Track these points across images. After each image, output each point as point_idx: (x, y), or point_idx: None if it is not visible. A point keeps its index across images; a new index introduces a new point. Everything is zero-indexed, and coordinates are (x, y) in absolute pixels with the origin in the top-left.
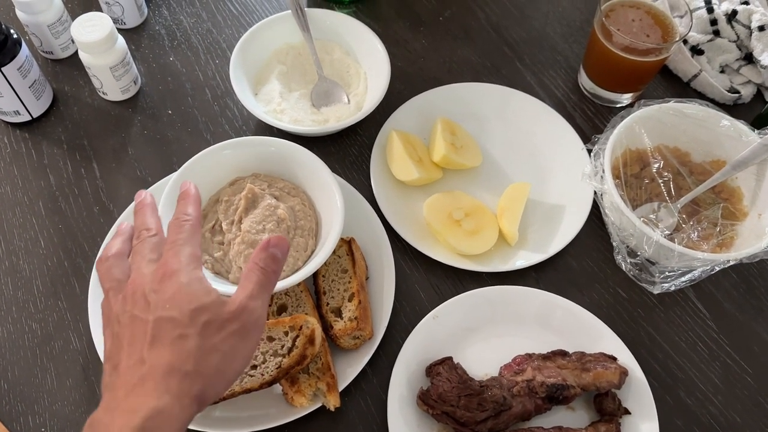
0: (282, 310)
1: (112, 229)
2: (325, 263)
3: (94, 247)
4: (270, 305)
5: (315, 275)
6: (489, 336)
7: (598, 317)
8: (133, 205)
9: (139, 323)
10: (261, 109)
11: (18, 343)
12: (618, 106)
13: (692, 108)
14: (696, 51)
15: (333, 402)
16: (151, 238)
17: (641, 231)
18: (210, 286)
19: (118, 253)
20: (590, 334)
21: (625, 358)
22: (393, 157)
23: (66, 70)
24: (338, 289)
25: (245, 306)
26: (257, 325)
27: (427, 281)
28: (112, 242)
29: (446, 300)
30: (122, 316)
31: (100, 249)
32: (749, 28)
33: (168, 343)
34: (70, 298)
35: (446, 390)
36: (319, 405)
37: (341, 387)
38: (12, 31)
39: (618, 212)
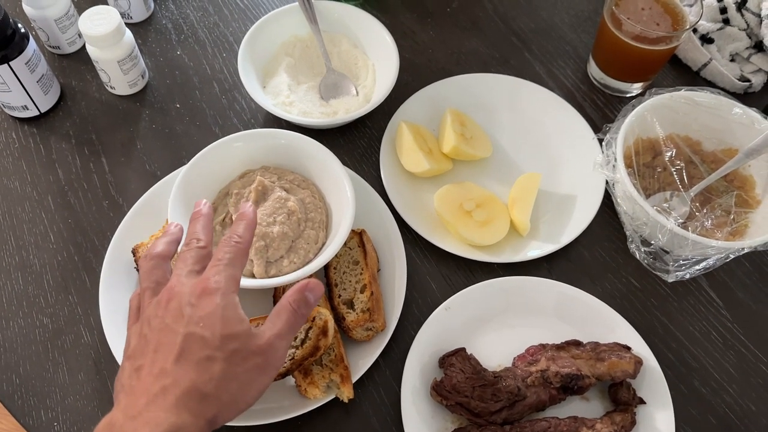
0: None
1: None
2: (336, 255)
3: (104, 241)
4: None
5: (326, 267)
6: (502, 327)
7: (611, 307)
8: (145, 198)
9: (170, 333)
10: (269, 102)
11: (29, 337)
12: (628, 95)
13: (704, 96)
14: (706, 40)
15: (347, 393)
16: (199, 249)
17: (655, 220)
18: (243, 314)
19: (162, 254)
20: (604, 324)
21: (639, 347)
22: (402, 148)
23: (73, 64)
24: (350, 281)
25: (272, 344)
26: (277, 362)
27: (438, 272)
28: (158, 241)
29: (458, 291)
30: (153, 320)
31: (148, 247)
32: (759, 16)
33: (194, 361)
34: (80, 292)
35: (460, 381)
36: (332, 397)
37: (354, 379)
38: (20, 25)
39: (631, 201)
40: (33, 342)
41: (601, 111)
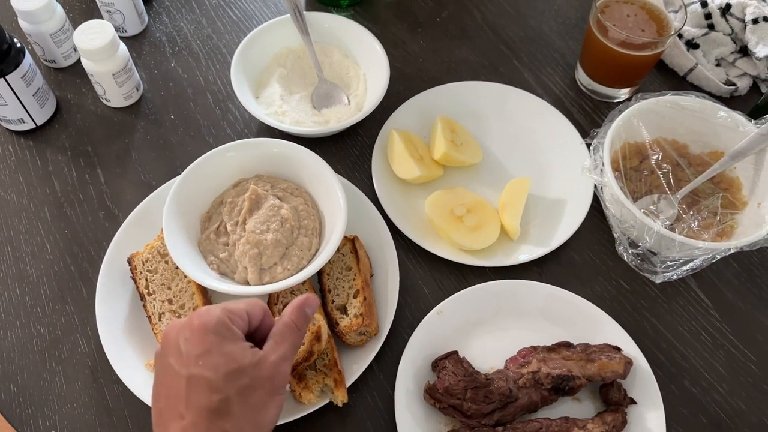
0: None
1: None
2: (329, 261)
3: (99, 251)
4: (276, 305)
5: (320, 273)
6: (494, 330)
7: (601, 309)
8: (140, 208)
9: (174, 376)
10: (262, 112)
11: (27, 347)
12: (615, 101)
13: (689, 100)
14: (691, 45)
15: (341, 397)
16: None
17: (642, 222)
18: (243, 344)
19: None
20: (594, 325)
21: (630, 348)
22: (394, 155)
23: (68, 78)
24: (343, 287)
25: (279, 369)
26: (285, 382)
27: (430, 277)
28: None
29: (450, 295)
30: (160, 359)
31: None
32: (743, 21)
33: (206, 404)
34: (77, 301)
35: (453, 383)
36: (326, 401)
37: (348, 383)
38: (15, 40)
39: (619, 204)
40: (30, 351)
41: (589, 116)
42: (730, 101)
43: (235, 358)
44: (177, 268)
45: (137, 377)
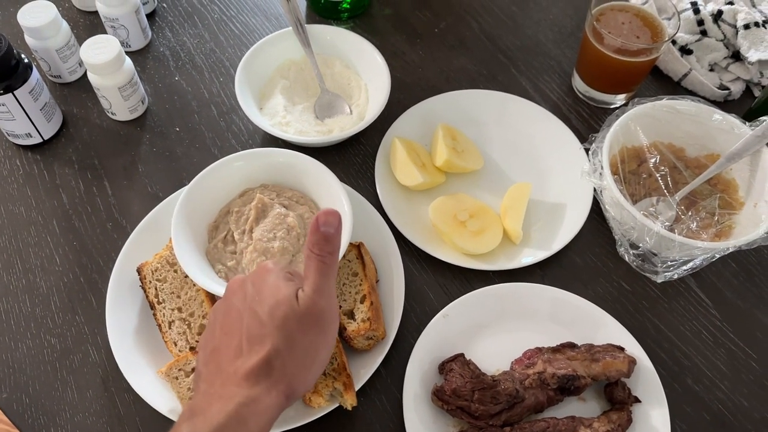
0: None
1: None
2: None
3: (108, 262)
4: None
5: None
6: (499, 332)
7: (604, 310)
8: (148, 219)
9: (233, 313)
10: (266, 123)
11: (38, 358)
12: (612, 107)
13: (685, 104)
14: (685, 51)
15: (350, 401)
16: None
17: (642, 224)
18: (287, 281)
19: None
20: (597, 326)
21: (633, 348)
22: (397, 163)
23: (74, 93)
24: (350, 292)
25: (314, 302)
26: (331, 316)
27: (435, 282)
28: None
29: (455, 299)
30: (220, 305)
31: None
32: (735, 26)
33: (255, 336)
34: (87, 312)
35: (460, 385)
36: (336, 405)
37: (357, 387)
38: (23, 56)
39: (618, 207)
40: (42, 362)
41: (586, 122)
42: (724, 105)
43: (276, 291)
44: (186, 276)
45: (148, 385)
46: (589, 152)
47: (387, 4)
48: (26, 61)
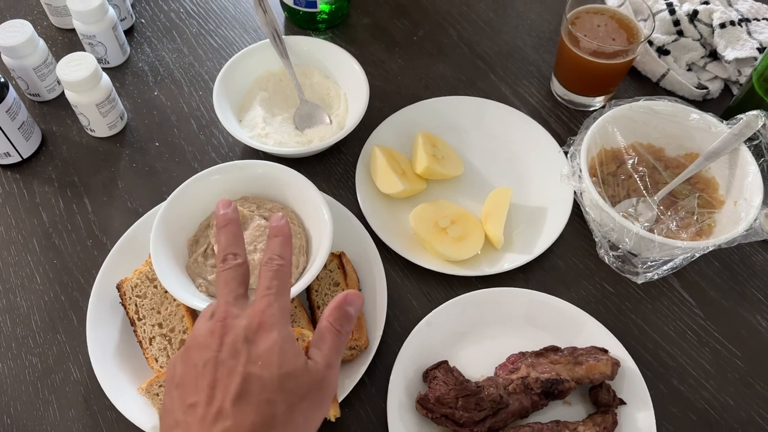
0: None
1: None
2: (317, 278)
3: (89, 279)
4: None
5: (308, 290)
6: (482, 338)
7: (587, 312)
8: (127, 235)
9: (226, 371)
10: (246, 135)
11: (19, 378)
12: (591, 109)
13: (662, 105)
14: (662, 51)
15: (333, 413)
16: (237, 267)
17: (621, 225)
18: (299, 347)
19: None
20: (580, 329)
21: (617, 350)
22: (377, 171)
23: (53, 111)
24: None
25: (325, 377)
26: (331, 393)
27: (418, 289)
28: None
29: (438, 306)
30: (205, 352)
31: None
32: (711, 26)
33: (255, 403)
34: (68, 330)
35: (444, 393)
36: None
37: (340, 398)
38: None
39: (598, 209)
40: (23, 382)
41: (566, 125)
42: (703, 104)
43: (289, 361)
44: (166, 292)
45: (131, 402)
46: (568, 155)
47: (365, 13)
48: (2, 80)
